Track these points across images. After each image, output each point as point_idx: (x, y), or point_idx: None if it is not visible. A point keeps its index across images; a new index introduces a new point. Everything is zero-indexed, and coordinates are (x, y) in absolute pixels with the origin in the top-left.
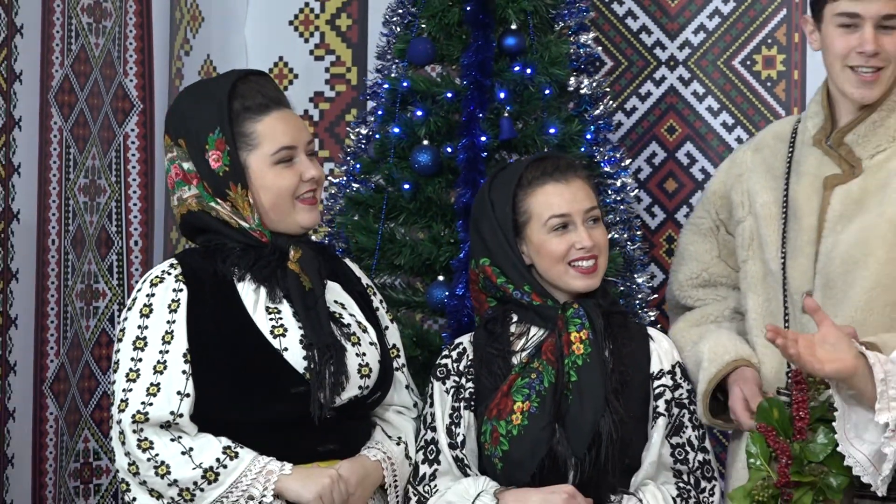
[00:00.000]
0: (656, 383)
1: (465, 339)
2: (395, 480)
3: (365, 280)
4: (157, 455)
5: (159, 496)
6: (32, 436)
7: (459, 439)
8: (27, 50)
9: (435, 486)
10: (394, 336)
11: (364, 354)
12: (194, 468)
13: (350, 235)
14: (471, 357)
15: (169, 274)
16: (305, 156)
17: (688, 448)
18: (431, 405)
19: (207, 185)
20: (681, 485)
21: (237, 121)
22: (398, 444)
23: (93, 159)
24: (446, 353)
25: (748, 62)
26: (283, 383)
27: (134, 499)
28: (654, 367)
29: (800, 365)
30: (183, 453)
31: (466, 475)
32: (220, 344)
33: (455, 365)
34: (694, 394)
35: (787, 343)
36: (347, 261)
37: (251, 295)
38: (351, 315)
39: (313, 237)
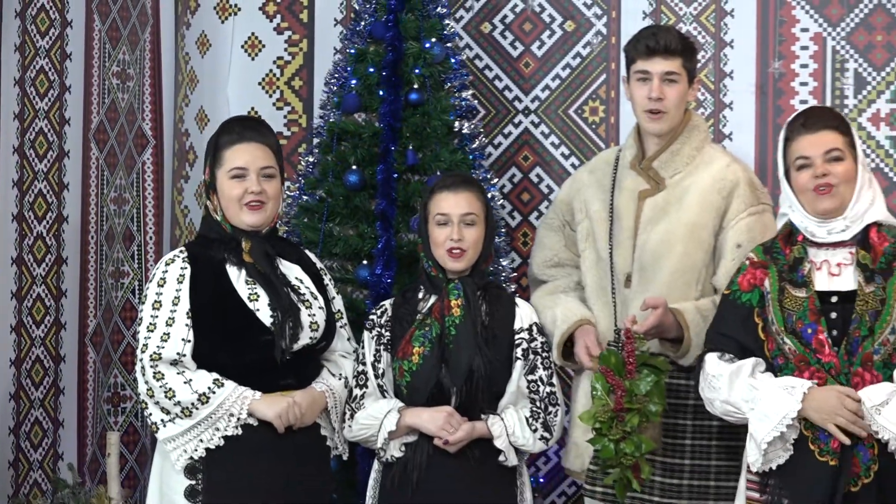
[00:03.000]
0: (517, 336)
1: (388, 303)
2: (336, 405)
3: (319, 265)
4: (166, 383)
5: (167, 412)
6: (78, 374)
7: (380, 372)
8: (74, 102)
9: (362, 404)
10: (338, 304)
11: (314, 315)
12: (192, 393)
13: (301, 232)
14: (389, 315)
15: (178, 257)
16: (256, 176)
17: (539, 383)
18: (363, 347)
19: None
20: (533, 409)
21: (218, 148)
22: (339, 378)
23: (120, 179)
24: (373, 311)
25: (579, 111)
26: (254, 334)
27: (150, 414)
28: (517, 325)
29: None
30: (185, 382)
31: (385, 397)
32: (212, 306)
33: (379, 320)
34: (546, 345)
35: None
36: (307, 251)
37: (236, 272)
38: (307, 288)
39: (280, 233)
